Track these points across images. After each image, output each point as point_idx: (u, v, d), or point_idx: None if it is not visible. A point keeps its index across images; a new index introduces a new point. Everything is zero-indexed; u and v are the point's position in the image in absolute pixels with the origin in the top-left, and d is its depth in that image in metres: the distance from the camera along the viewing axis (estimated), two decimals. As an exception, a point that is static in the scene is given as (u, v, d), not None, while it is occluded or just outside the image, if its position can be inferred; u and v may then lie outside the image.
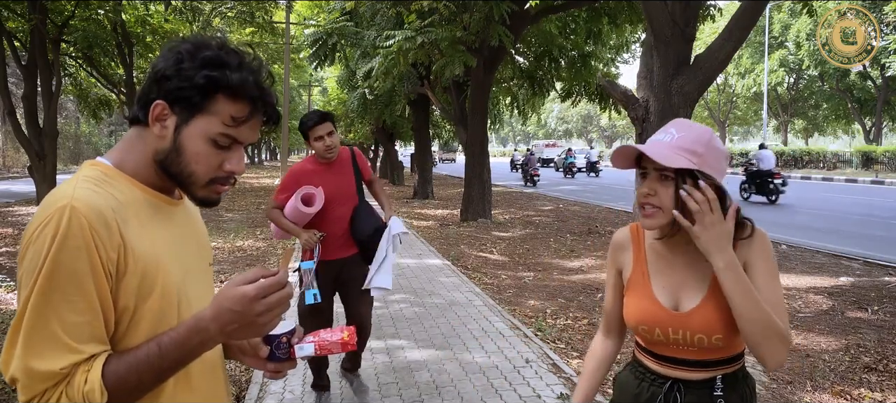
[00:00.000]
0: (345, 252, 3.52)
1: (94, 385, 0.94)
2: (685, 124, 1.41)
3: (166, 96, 1.05)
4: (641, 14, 8.74)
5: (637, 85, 7.27)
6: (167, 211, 1.13)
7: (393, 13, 12.50)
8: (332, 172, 3.49)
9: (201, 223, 1.28)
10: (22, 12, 13.60)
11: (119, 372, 0.97)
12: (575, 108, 48.20)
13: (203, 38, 1.07)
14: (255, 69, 1.09)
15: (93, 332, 0.96)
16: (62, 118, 38.20)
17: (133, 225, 1.03)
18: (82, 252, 0.95)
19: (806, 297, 6.37)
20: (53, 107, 13.81)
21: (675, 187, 1.36)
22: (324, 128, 3.38)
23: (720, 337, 1.39)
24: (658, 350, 1.49)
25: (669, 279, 1.47)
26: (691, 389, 1.45)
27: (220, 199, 1.15)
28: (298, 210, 3.35)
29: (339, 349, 1.26)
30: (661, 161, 1.33)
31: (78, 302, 0.95)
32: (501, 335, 5.04)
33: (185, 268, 1.12)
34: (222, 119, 1.06)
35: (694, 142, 1.36)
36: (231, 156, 1.10)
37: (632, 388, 1.54)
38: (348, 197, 3.53)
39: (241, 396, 3.91)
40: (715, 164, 1.37)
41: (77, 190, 0.99)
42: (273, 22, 22.04)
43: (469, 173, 13.10)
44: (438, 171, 31.62)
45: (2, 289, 6.53)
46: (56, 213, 0.95)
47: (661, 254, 1.49)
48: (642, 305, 1.48)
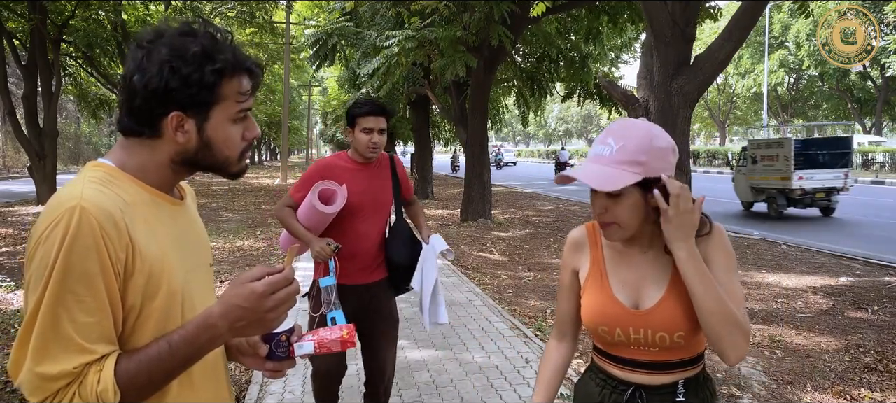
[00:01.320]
0: (370, 276, 2.85)
1: (107, 384, 0.94)
2: (623, 130, 1.36)
3: (180, 105, 1.06)
4: (641, 14, 8.74)
5: (637, 85, 7.27)
6: (170, 212, 1.14)
7: (393, 13, 12.51)
8: (366, 176, 2.83)
9: (201, 223, 1.29)
10: (22, 12, 13.61)
11: (130, 371, 0.97)
12: (575, 108, 48.14)
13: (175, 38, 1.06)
14: (228, 38, 1.13)
15: (103, 332, 0.97)
16: (62, 118, 38.19)
17: (140, 225, 1.04)
18: (92, 252, 0.95)
19: (806, 297, 6.37)
20: (53, 107, 13.81)
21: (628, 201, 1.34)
22: (377, 121, 2.77)
23: (682, 335, 1.37)
24: (618, 352, 1.46)
25: (628, 277, 1.44)
26: (653, 394, 1.43)
27: (248, 168, 1.24)
28: (314, 209, 2.70)
29: (338, 347, 1.25)
30: (603, 187, 1.31)
31: (89, 302, 0.95)
32: (501, 335, 5.04)
33: (188, 268, 1.13)
34: (233, 99, 1.11)
35: (635, 151, 1.31)
36: (247, 124, 1.16)
37: (593, 395, 1.52)
38: (382, 208, 2.89)
39: (241, 396, 3.91)
40: (660, 165, 1.34)
41: (85, 190, 0.99)
42: (273, 22, 22.07)
43: (469, 173, 13.11)
44: (438, 171, 31.84)
45: (1, 289, 6.53)
46: (66, 214, 0.95)
47: (619, 252, 1.47)
48: (601, 304, 1.45)
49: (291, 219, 2.79)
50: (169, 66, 1.04)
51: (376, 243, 2.86)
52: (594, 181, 1.31)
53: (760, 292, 6.63)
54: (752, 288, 6.83)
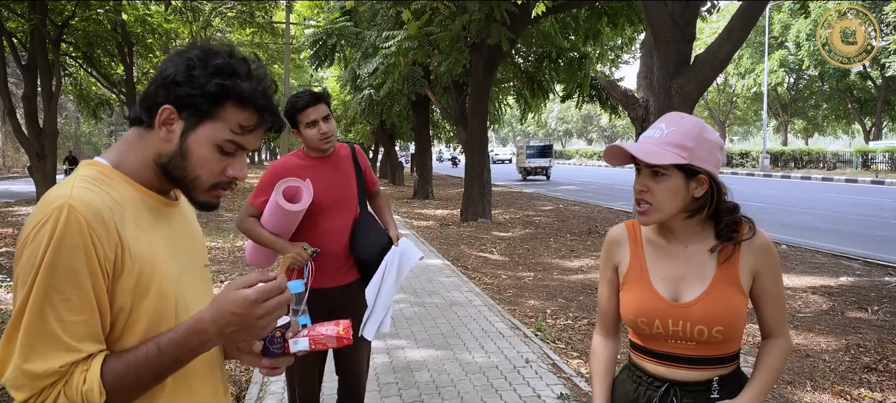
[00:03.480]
0: (343, 278, 2.66)
1: (92, 384, 0.94)
2: (676, 118, 1.42)
3: (175, 101, 1.06)
4: (641, 14, 8.74)
5: (637, 85, 7.27)
6: (163, 212, 1.14)
7: (393, 13, 12.51)
8: (327, 170, 2.63)
9: (197, 224, 1.28)
10: (22, 12, 13.61)
11: (117, 372, 0.97)
12: (575, 108, 48.25)
13: (212, 46, 1.09)
14: (262, 78, 1.11)
15: (90, 331, 0.97)
16: (62, 118, 38.18)
17: (130, 225, 1.03)
18: (80, 251, 0.95)
19: (806, 297, 6.37)
20: (53, 107, 13.82)
21: (670, 182, 1.38)
22: (318, 110, 2.55)
23: (721, 329, 1.39)
24: (655, 346, 1.48)
25: (668, 271, 1.47)
26: (688, 392, 1.45)
27: (219, 204, 1.17)
28: (280, 210, 2.47)
29: (334, 343, 1.24)
30: (648, 159, 1.36)
31: (75, 300, 0.95)
32: (501, 335, 5.04)
33: (182, 269, 1.13)
34: (230, 126, 1.08)
35: (683, 136, 1.37)
36: (234, 162, 1.12)
37: (629, 392, 1.54)
38: (348, 204, 2.68)
39: (241, 396, 3.91)
40: (706, 156, 1.38)
41: (75, 189, 0.99)
42: (273, 22, 22.06)
43: (469, 173, 13.12)
44: (438, 171, 32.18)
45: (1, 289, 6.53)
46: (54, 212, 0.95)
47: (659, 247, 1.49)
48: (641, 297, 1.47)
49: (257, 228, 2.58)
50: (187, 63, 1.06)
51: (346, 241, 2.66)
52: (641, 153, 1.37)
53: (760, 292, 6.62)
54: (752, 288, 6.82)
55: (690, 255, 1.45)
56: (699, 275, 1.43)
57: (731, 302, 1.38)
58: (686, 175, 1.37)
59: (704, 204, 1.41)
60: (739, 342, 1.48)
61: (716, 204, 1.42)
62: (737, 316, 1.39)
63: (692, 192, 1.39)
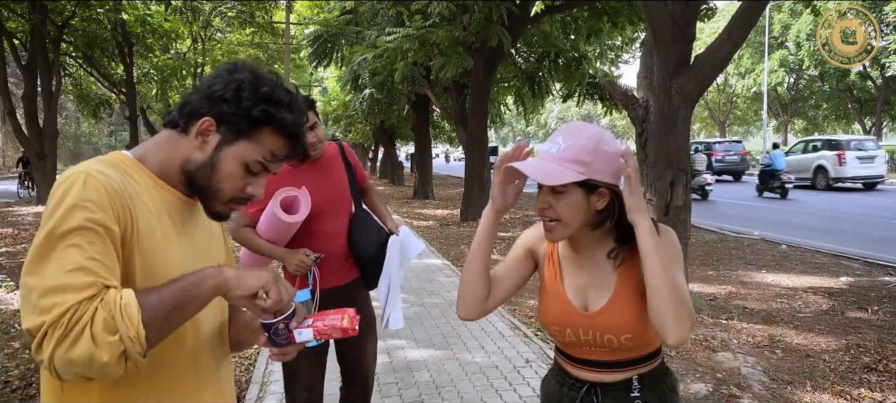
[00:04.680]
0: (344, 277, 2.65)
1: (130, 299, 0.92)
2: (574, 130, 1.39)
3: (218, 116, 1.12)
4: (641, 14, 8.74)
5: (637, 85, 7.26)
6: (179, 208, 1.15)
7: (393, 13, 12.52)
8: (319, 174, 2.59)
9: (215, 225, 1.31)
10: (22, 12, 13.61)
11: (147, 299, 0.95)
12: (575, 108, 48.15)
13: (261, 72, 1.16)
14: (300, 111, 1.18)
15: (113, 273, 0.96)
16: (62, 118, 38.17)
17: (143, 211, 1.05)
18: (100, 207, 0.96)
19: (806, 297, 6.37)
20: (53, 107, 13.82)
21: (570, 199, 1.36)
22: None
23: (629, 337, 1.40)
24: (572, 352, 1.50)
25: (578, 280, 1.47)
26: (608, 392, 1.46)
27: (230, 216, 1.25)
28: (278, 221, 2.44)
29: (339, 334, 1.23)
30: (543, 180, 1.34)
31: (97, 245, 0.94)
32: (501, 335, 5.04)
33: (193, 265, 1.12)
34: (263, 150, 1.14)
35: (580, 151, 1.34)
36: (256, 182, 1.17)
37: (553, 392, 1.56)
38: (342, 204, 2.66)
39: (241, 396, 3.91)
40: (605, 168, 1.36)
41: (92, 165, 1.03)
42: (273, 22, 22.06)
43: (469, 173, 13.13)
44: (439, 171, 32.14)
45: (2, 289, 6.53)
46: (74, 177, 0.98)
47: (570, 257, 1.51)
48: (555, 305, 1.48)
49: (255, 239, 2.54)
50: (238, 84, 1.12)
51: (345, 241, 2.64)
52: (536, 174, 1.34)
53: (760, 292, 6.62)
54: (752, 287, 6.83)
55: (596, 265, 1.45)
56: (604, 285, 1.43)
57: (636, 309, 1.37)
58: (586, 190, 1.36)
59: (607, 216, 1.40)
60: (657, 342, 1.47)
61: (619, 214, 1.39)
62: (643, 323, 1.37)
63: (594, 206, 1.38)
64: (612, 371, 1.45)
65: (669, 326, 1.28)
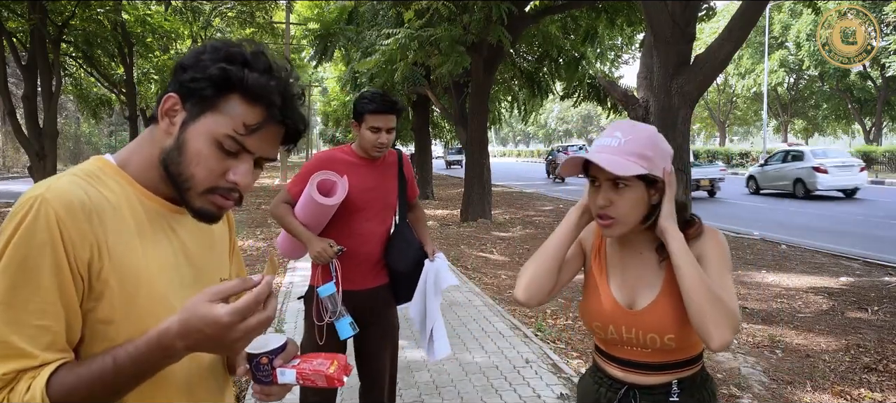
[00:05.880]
0: (372, 281, 2.62)
1: (35, 393, 0.84)
2: (629, 126, 1.39)
3: (180, 88, 0.97)
4: (641, 14, 8.74)
5: (637, 85, 7.26)
6: (167, 219, 1.03)
7: (393, 13, 12.52)
8: (370, 172, 2.58)
9: (213, 232, 1.14)
10: (22, 12, 13.60)
11: (67, 384, 0.87)
12: (575, 108, 48.24)
13: (237, 41, 1.01)
14: (283, 77, 1.01)
15: (51, 339, 0.87)
16: (62, 118, 38.20)
17: (118, 227, 0.94)
18: (46, 248, 0.86)
19: (806, 297, 6.37)
20: (53, 107, 13.81)
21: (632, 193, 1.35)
22: (386, 120, 2.49)
23: (672, 338, 1.38)
24: (613, 351, 1.49)
25: (624, 277, 1.47)
26: (646, 394, 1.44)
27: (220, 215, 1.02)
28: (313, 202, 2.43)
29: (323, 382, 1.05)
30: (617, 171, 1.31)
31: (35, 302, 0.86)
32: (501, 335, 5.04)
33: (185, 282, 1.03)
34: (233, 122, 0.96)
35: (643, 145, 1.34)
36: (238, 165, 0.98)
37: (591, 393, 1.54)
38: (386, 208, 2.65)
39: (241, 396, 3.91)
40: (661, 165, 1.37)
41: (58, 181, 0.92)
42: (273, 22, 22.06)
43: (469, 173, 13.12)
44: (439, 171, 32.17)
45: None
46: (25, 204, 0.88)
47: (617, 254, 1.50)
48: (599, 301, 1.47)
49: (289, 216, 2.54)
50: (201, 49, 0.99)
51: (380, 246, 2.63)
52: (606, 163, 1.31)
53: (760, 292, 6.62)
54: (752, 288, 6.83)
55: (644, 262, 1.44)
56: (652, 283, 1.42)
57: (681, 310, 1.35)
58: (646, 184, 1.36)
59: (654, 212, 1.40)
60: (700, 346, 1.46)
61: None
62: (687, 325, 1.35)
63: (650, 201, 1.38)
64: (651, 374, 1.43)
65: (709, 332, 1.27)
